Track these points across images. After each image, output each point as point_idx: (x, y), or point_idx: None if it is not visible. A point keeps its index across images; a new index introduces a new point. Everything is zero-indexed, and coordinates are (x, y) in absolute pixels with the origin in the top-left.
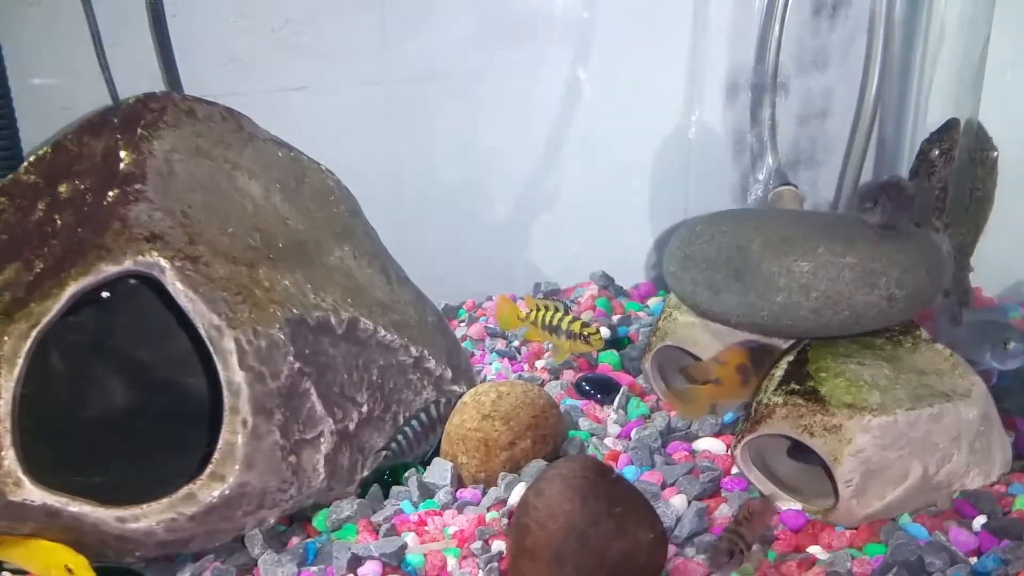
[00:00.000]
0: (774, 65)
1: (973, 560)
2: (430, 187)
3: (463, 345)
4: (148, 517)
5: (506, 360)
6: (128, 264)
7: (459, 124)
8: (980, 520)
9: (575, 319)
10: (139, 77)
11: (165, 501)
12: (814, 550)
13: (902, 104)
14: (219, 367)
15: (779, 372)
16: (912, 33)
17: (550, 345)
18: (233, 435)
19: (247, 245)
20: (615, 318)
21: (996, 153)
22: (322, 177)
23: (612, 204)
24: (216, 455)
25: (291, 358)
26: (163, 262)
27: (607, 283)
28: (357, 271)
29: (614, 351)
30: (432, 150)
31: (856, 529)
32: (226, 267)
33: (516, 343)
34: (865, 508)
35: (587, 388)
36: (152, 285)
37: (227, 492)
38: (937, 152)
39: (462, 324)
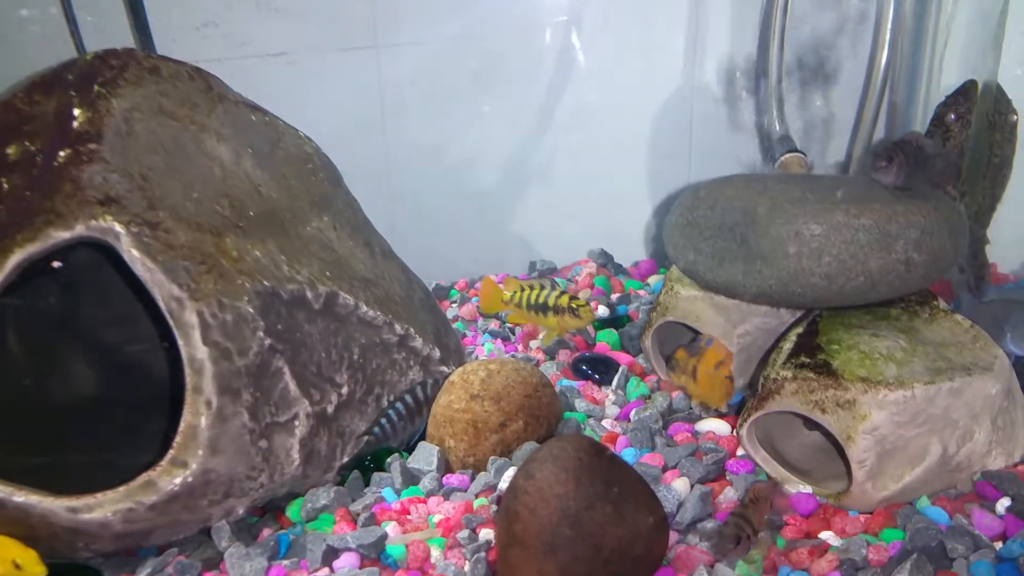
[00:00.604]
0: (781, 31)
1: (998, 545)
2: (421, 161)
3: (455, 326)
4: (103, 507)
5: (499, 341)
6: (80, 230)
7: (452, 94)
8: (1004, 503)
9: (562, 293)
10: (111, 42)
11: (122, 490)
12: (826, 536)
13: (915, 66)
14: (180, 343)
15: (788, 345)
16: None
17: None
18: (196, 417)
19: (214, 212)
20: (614, 296)
21: (1016, 117)
22: (299, 143)
23: (611, 179)
24: (177, 439)
25: (261, 333)
26: (118, 227)
27: (605, 261)
28: (337, 243)
29: (613, 330)
30: (423, 123)
31: (871, 514)
32: (189, 234)
33: (511, 324)
34: (881, 491)
35: (584, 368)
36: (109, 255)
37: (190, 479)
38: (953, 116)
39: (454, 305)
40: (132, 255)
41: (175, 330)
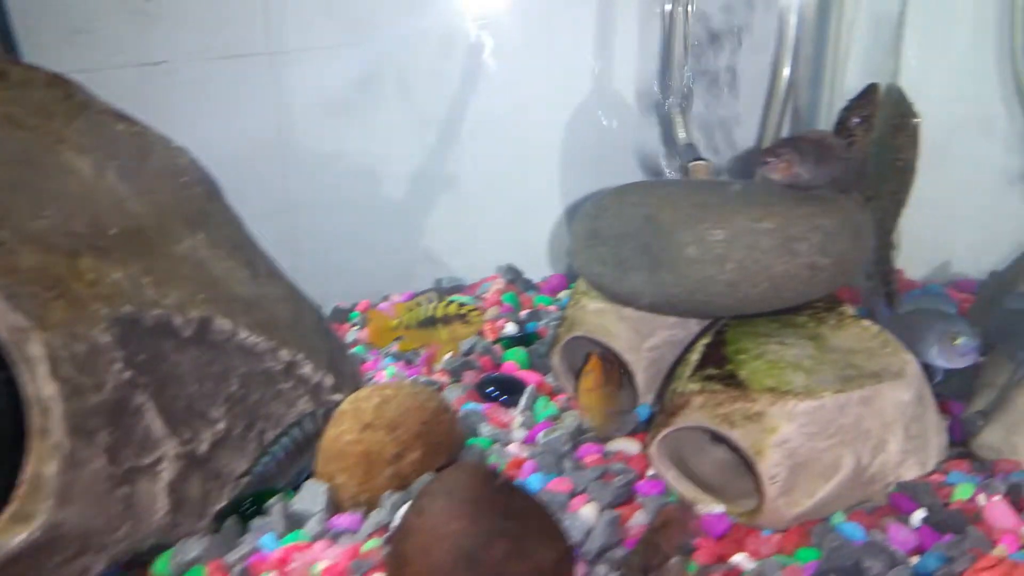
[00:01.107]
0: (683, 39)
1: (914, 560)
2: (320, 175)
3: (355, 350)
4: None
5: (402, 364)
6: None
7: (353, 103)
8: (919, 514)
9: (450, 302)
10: None
11: None
12: (739, 559)
13: (817, 71)
14: (24, 379)
15: (695, 356)
16: None
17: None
18: (42, 464)
19: (68, 231)
20: (523, 313)
21: (918, 120)
22: (172, 155)
23: (520, 191)
24: (20, 489)
25: (119, 366)
26: None
27: (514, 277)
28: (213, 262)
29: (521, 348)
30: (323, 133)
31: (785, 532)
32: (37, 256)
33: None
34: (794, 507)
35: (490, 390)
36: None
37: (36, 535)
38: (856, 120)
39: (355, 328)
40: None
41: (19, 365)
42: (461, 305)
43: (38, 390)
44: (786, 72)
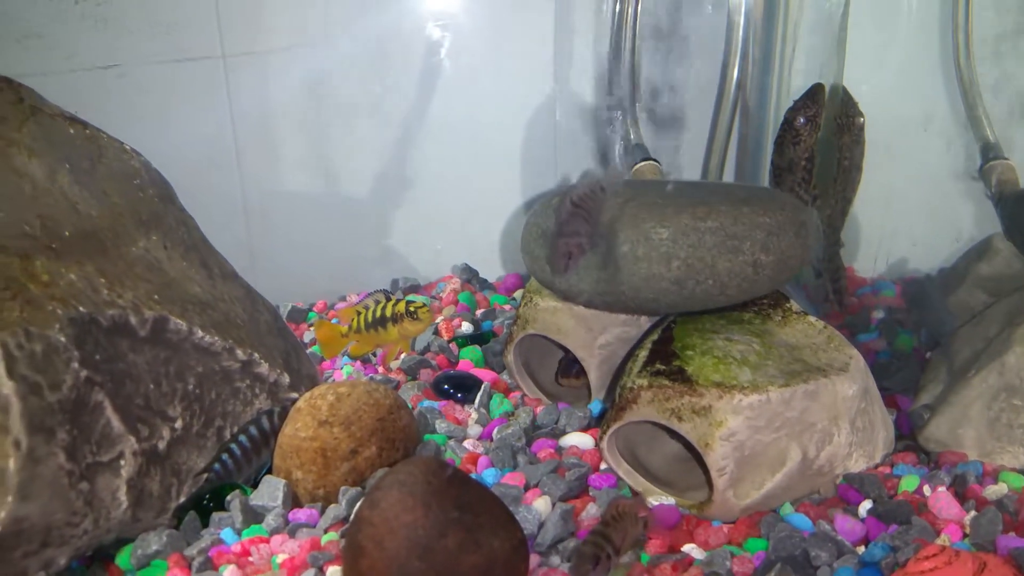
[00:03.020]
0: (632, 38)
1: (861, 550)
2: (276, 176)
3: (311, 350)
4: None
5: (359, 363)
6: None
7: (308, 105)
8: (866, 505)
9: (399, 301)
10: None
11: None
12: (690, 549)
13: (765, 71)
14: None
15: (643, 353)
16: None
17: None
18: (3, 460)
19: (22, 233)
20: (479, 312)
21: (863, 119)
22: (125, 158)
23: (475, 191)
24: None
25: (76, 365)
26: None
27: (470, 276)
28: (167, 263)
29: (476, 347)
30: (273, 134)
31: (734, 523)
32: None
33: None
34: (742, 499)
35: (446, 387)
36: None
37: None
38: (802, 120)
39: (311, 328)
40: None
41: None
42: (409, 303)
43: None
44: (735, 73)
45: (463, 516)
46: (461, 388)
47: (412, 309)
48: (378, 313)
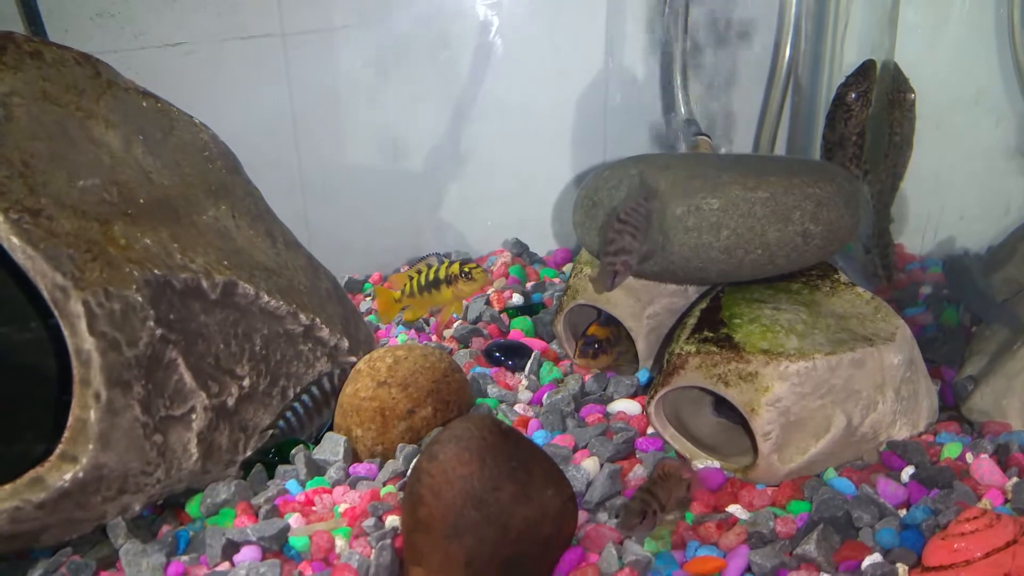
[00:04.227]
0: (684, 14)
1: (902, 512)
2: (333, 152)
3: (368, 319)
4: None
5: (413, 332)
6: None
7: (363, 83)
8: (908, 471)
9: (452, 263)
10: None
11: (7, 488)
12: (734, 509)
13: (818, 47)
14: (66, 333)
15: (692, 320)
16: None
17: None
18: (85, 410)
19: (101, 199)
20: (529, 285)
21: (914, 95)
22: (194, 131)
23: (527, 168)
24: (66, 433)
25: (151, 323)
26: None
27: (521, 250)
28: (235, 232)
29: (527, 317)
30: (330, 110)
31: (778, 486)
32: (74, 222)
33: (425, 315)
34: (787, 463)
35: (497, 355)
36: None
37: (80, 475)
38: (854, 95)
39: (368, 298)
40: (12, 243)
41: (60, 320)
42: (463, 264)
43: (78, 343)
44: (787, 48)
45: (516, 471)
46: (512, 356)
47: (467, 270)
48: (431, 276)
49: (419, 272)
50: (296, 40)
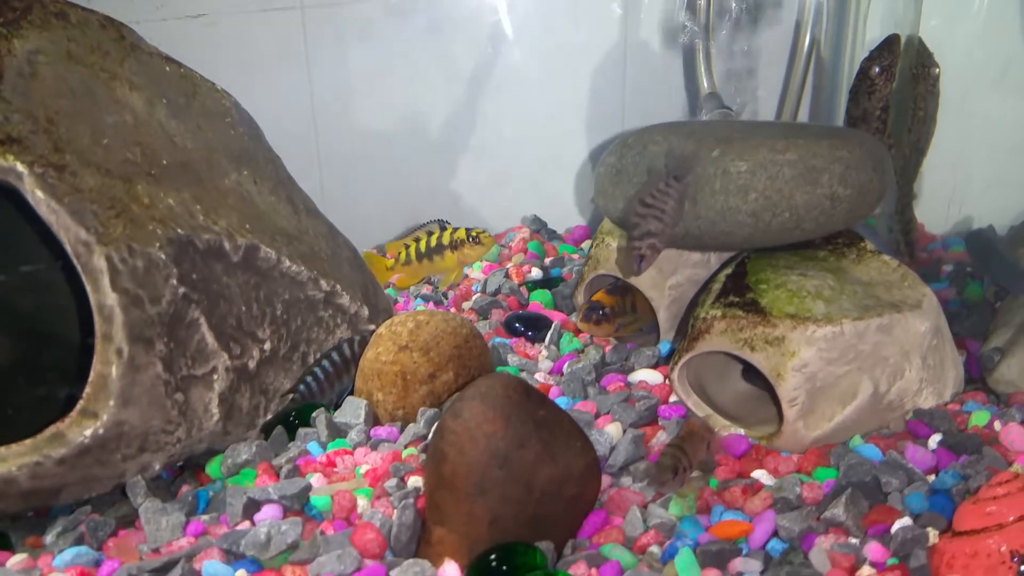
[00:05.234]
0: None
1: (931, 478)
2: (349, 127)
3: (386, 292)
4: (7, 461)
5: (431, 305)
6: None
7: (381, 57)
8: (936, 438)
9: (456, 229)
10: None
11: (28, 443)
12: (759, 475)
13: (840, 21)
14: (88, 288)
15: (717, 286)
16: None
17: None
18: (106, 366)
19: (124, 159)
20: (548, 260)
21: (938, 69)
22: (217, 97)
23: (545, 144)
24: (87, 389)
25: (174, 281)
26: (20, 167)
27: (539, 227)
28: (257, 197)
29: (546, 290)
30: (352, 87)
31: (803, 454)
32: (97, 179)
33: (443, 288)
34: (812, 430)
35: (517, 325)
36: (14, 199)
37: (101, 431)
38: (877, 69)
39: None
40: (36, 196)
41: (83, 275)
42: (470, 230)
43: (101, 299)
44: (810, 23)
45: (540, 430)
46: (532, 327)
47: (475, 234)
48: (432, 243)
49: (417, 240)
50: (315, 13)
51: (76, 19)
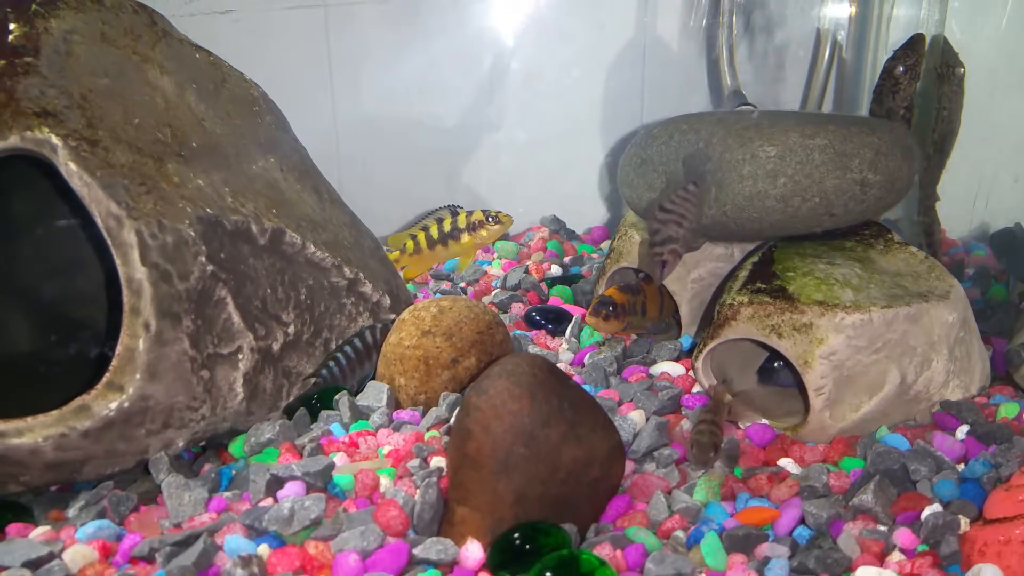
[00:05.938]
0: None
1: (960, 467)
2: (369, 124)
3: (406, 287)
4: (33, 432)
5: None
6: (14, 140)
7: (401, 55)
8: (963, 429)
9: (471, 212)
10: None
11: (54, 414)
12: (785, 463)
13: (863, 20)
14: (118, 262)
15: (743, 273)
16: None
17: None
18: (133, 339)
19: (155, 139)
20: (567, 259)
21: (963, 70)
22: (245, 86)
23: (564, 144)
24: (114, 362)
25: (203, 259)
26: (55, 140)
27: (558, 227)
28: (283, 184)
29: (566, 286)
30: (372, 84)
31: (830, 444)
32: (129, 156)
33: (462, 284)
34: (838, 421)
35: (537, 318)
36: (46, 171)
37: (126, 405)
38: (902, 68)
39: (403, 268)
40: (69, 168)
41: (113, 249)
42: (486, 211)
43: (130, 272)
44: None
45: (565, 410)
46: (552, 320)
47: (493, 213)
48: (446, 228)
49: (425, 229)
50: (338, 11)
51: (110, 3)
